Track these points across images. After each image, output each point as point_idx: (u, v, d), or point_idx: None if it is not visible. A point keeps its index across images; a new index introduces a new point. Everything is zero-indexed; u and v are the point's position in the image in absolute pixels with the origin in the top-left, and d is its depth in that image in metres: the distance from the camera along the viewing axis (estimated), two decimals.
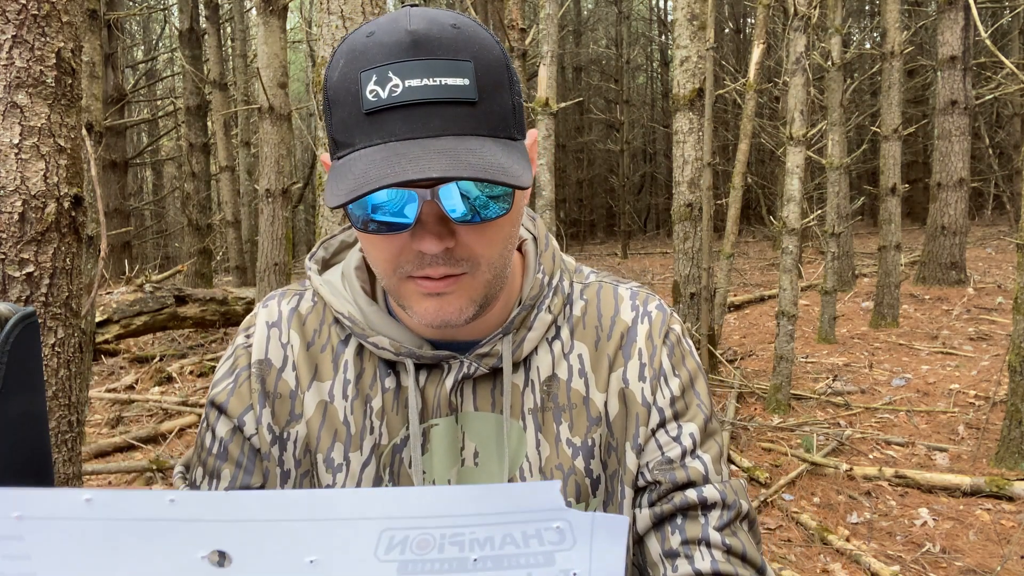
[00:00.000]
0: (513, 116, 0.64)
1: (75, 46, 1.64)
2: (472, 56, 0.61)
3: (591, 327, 0.78)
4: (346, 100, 0.61)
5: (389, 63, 0.59)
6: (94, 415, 5.08)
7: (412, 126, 0.59)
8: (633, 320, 0.79)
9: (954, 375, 5.46)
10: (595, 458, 0.75)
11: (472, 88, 0.60)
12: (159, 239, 18.13)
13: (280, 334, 0.78)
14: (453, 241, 0.63)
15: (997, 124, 16.34)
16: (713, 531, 0.71)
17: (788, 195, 4.77)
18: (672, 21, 4.78)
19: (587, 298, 0.81)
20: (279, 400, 0.75)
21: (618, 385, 0.77)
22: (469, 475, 0.73)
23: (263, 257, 5.52)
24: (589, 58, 21.98)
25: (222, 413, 0.76)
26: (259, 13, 5.49)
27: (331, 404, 0.75)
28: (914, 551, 2.96)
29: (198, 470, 0.77)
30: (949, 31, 8.25)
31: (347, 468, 0.73)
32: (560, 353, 0.77)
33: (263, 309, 0.80)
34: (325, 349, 0.76)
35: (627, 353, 0.78)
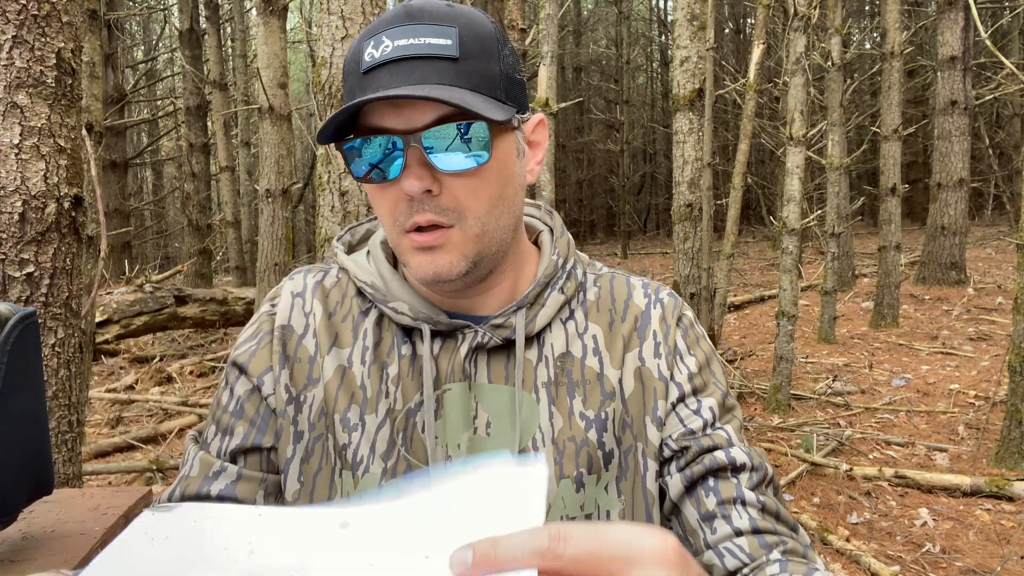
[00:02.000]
0: (502, 83, 0.70)
1: (75, 46, 1.64)
2: (458, 25, 0.68)
3: (605, 310, 0.82)
4: (351, 68, 0.70)
5: (384, 29, 0.68)
6: (94, 415, 5.08)
7: (396, 77, 0.66)
8: (646, 305, 0.83)
9: (954, 375, 5.46)
10: (608, 432, 0.76)
11: (454, 47, 0.67)
12: (159, 239, 18.13)
13: (304, 303, 0.82)
14: (438, 187, 0.69)
15: (997, 124, 16.34)
16: (747, 490, 0.73)
17: (788, 195, 4.77)
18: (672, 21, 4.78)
19: (600, 285, 0.85)
20: (298, 364, 0.78)
21: (634, 364, 0.79)
22: (480, 443, 0.75)
23: (263, 257, 5.52)
24: (589, 58, 21.98)
25: (242, 373, 0.79)
26: (259, 13, 5.49)
27: (349, 369, 0.78)
28: (914, 551, 2.96)
29: (211, 428, 0.79)
30: (949, 31, 8.25)
31: (362, 428, 0.76)
32: (575, 332, 0.80)
33: (289, 281, 0.84)
34: (346, 319, 0.80)
35: (642, 334, 0.81)
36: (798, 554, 0.70)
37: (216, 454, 0.77)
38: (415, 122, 0.67)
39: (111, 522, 1.10)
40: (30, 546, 1.01)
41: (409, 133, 0.67)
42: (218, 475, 0.75)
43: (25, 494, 0.94)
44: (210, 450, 0.77)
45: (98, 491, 1.24)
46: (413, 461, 0.74)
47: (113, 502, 1.17)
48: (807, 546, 0.72)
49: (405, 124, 0.67)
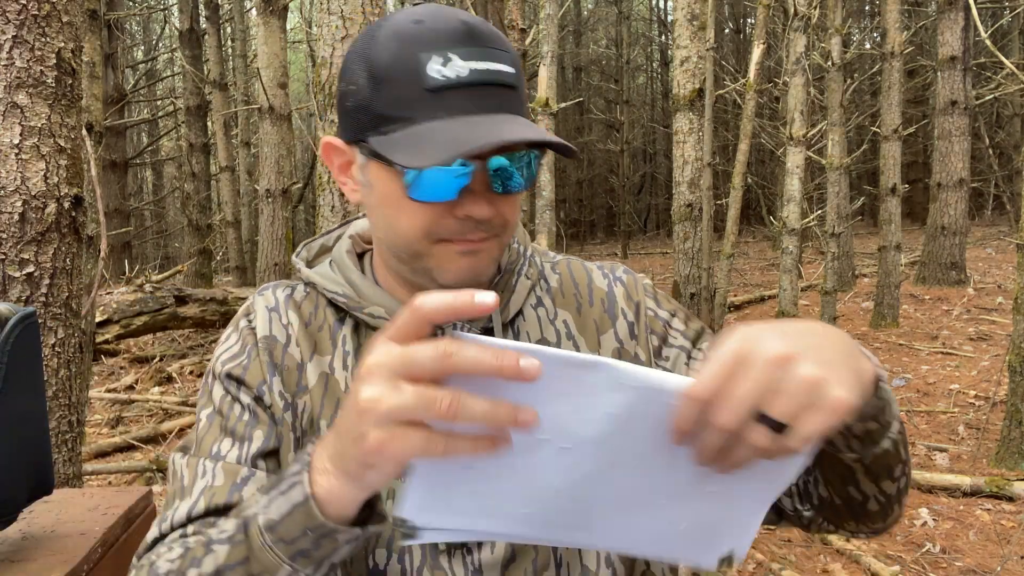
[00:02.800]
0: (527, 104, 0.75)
1: (75, 46, 1.64)
2: (510, 51, 0.70)
3: (570, 295, 0.86)
4: (402, 78, 0.67)
5: (451, 47, 0.66)
6: (94, 415, 5.08)
7: (476, 103, 0.66)
8: (608, 285, 0.87)
9: (954, 375, 5.46)
10: None
11: (514, 76, 0.69)
12: (159, 239, 18.13)
13: (280, 316, 0.82)
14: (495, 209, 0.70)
15: (997, 124, 16.34)
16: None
17: (788, 195, 4.77)
18: (672, 21, 4.77)
19: (560, 272, 0.88)
20: (287, 371, 0.79)
21: (612, 345, 0.84)
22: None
23: (263, 257, 5.52)
24: (589, 58, 21.98)
25: (242, 384, 0.79)
26: (259, 13, 5.49)
27: (332, 376, 0.79)
28: (914, 551, 2.96)
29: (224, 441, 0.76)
30: (949, 31, 8.25)
31: None
32: (546, 319, 0.83)
33: (259, 297, 0.85)
34: (322, 328, 0.81)
35: (612, 315, 0.85)
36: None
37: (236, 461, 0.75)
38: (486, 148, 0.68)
39: (111, 522, 1.10)
40: (30, 546, 1.01)
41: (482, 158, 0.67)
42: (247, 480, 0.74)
43: (25, 494, 0.94)
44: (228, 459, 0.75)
45: (98, 491, 1.24)
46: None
47: (113, 502, 1.17)
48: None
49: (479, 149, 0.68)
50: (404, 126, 0.67)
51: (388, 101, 0.67)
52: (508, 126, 0.65)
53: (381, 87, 0.68)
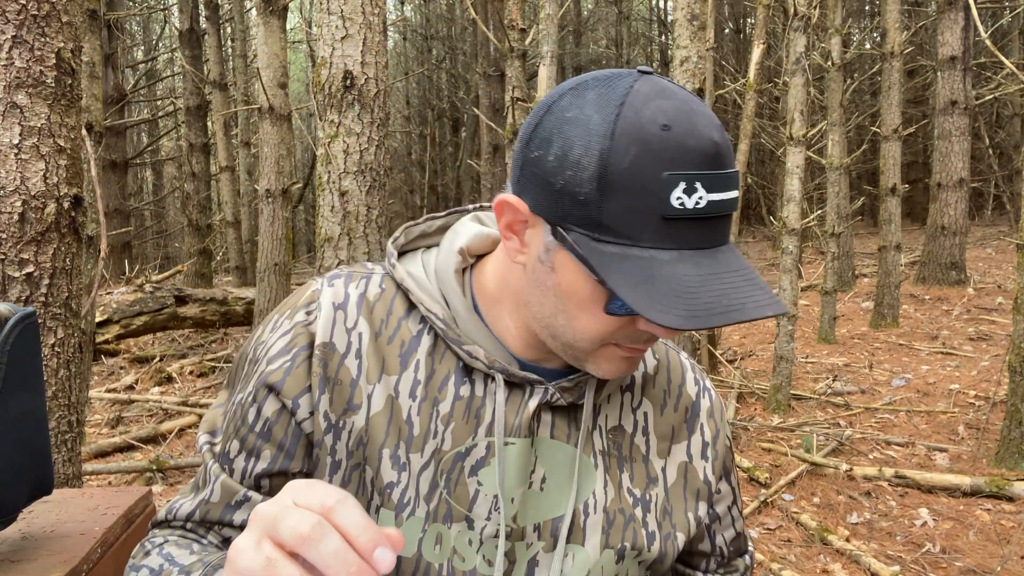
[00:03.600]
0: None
1: (75, 46, 1.64)
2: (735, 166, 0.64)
3: (660, 388, 0.82)
4: (639, 195, 0.59)
5: (699, 172, 0.59)
6: (94, 415, 5.08)
7: (704, 237, 0.61)
8: (696, 395, 0.85)
9: (954, 375, 5.46)
10: (651, 514, 0.78)
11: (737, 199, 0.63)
12: (159, 239, 18.12)
13: (346, 318, 0.74)
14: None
15: (997, 124, 16.33)
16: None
17: (788, 195, 4.77)
18: (672, 21, 4.76)
19: (659, 359, 0.84)
20: (339, 387, 0.72)
21: (680, 457, 0.81)
22: (533, 498, 0.74)
23: (263, 257, 5.52)
24: (589, 58, 21.97)
25: (273, 393, 0.72)
26: (259, 13, 5.49)
27: (396, 400, 0.73)
28: (914, 551, 2.96)
29: (233, 443, 0.74)
30: (949, 31, 8.25)
31: (408, 468, 0.72)
32: (629, 406, 0.80)
33: (328, 288, 0.76)
34: (393, 341, 0.74)
35: (691, 427, 0.83)
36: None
37: (240, 476, 0.73)
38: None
39: (111, 522, 1.10)
40: (30, 546, 1.00)
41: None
42: (241, 504, 0.72)
43: (25, 494, 0.94)
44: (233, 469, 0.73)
45: (98, 491, 1.24)
46: (455, 505, 0.72)
47: (113, 502, 1.17)
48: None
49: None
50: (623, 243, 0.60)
51: (615, 212, 0.60)
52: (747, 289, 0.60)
53: (611, 195, 0.59)
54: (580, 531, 0.74)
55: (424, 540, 0.71)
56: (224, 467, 0.74)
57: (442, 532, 0.72)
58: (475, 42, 13.96)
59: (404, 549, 0.71)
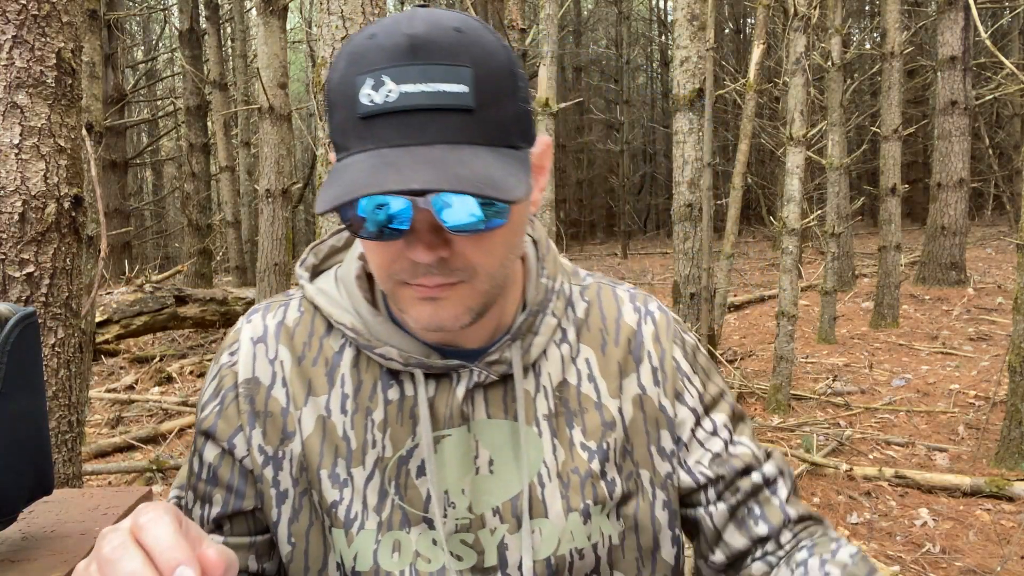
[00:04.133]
0: (516, 124, 0.63)
1: (75, 46, 1.64)
2: (473, 61, 0.58)
3: (596, 330, 0.79)
4: (344, 103, 0.60)
5: (385, 67, 0.57)
6: (94, 415, 5.08)
7: (405, 133, 0.57)
8: (637, 323, 0.80)
9: (954, 375, 5.46)
10: (610, 461, 0.75)
11: (470, 96, 0.58)
12: (159, 239, 18.13)
13: (267, 350, 0.75)
14: (448, 251, 0.62)
15: (997, 124, 16.33)
16: (787, 508, 0.78)
17: (788, 195, 4.77)
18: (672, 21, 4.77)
19: (589, 299, 0.80)
20: (270, 419, 0.73)
21: (633, 391, 0.77)
22: (484, 483, 0.72)
23: (263, 257, 5.52)
24: (589, 58, 21.97)
25: (209, 438, 0.74)
26: (259, 13, 5.49)
27: (328, 419, 0.72)
28: (914, 551, 2.96)
29: (189, 494, 0.76)
30: (949, 31, 8.25)
31: (351, 483, 0.72)
32: (568, 357, 0.77)
33: (247, 324, 0.77)
34: (317, 362, 0.74)
35: (637, 357, 0.78)
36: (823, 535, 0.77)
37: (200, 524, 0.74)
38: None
39: (111, 522, 1.10)
40: (30, 546, 1.01)
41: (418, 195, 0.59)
42: None
43: (25, 494, 0.94)
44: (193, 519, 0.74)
45: (98, 491, 1.24)
46: (409, 510, 0.71)
47: (113, 502, 1.17)
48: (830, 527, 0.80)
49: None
50: (344, 155, 0.60)
51: (335, 128, 0.61)
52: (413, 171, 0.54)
53: (332, 112, 0.61)
54: (540, 503, 0.72)
55: (379, 551, 0.70)
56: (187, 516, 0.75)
57: (400, 539, 0.71)
58: None
59: (360, 563, 0.70)
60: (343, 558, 0.72)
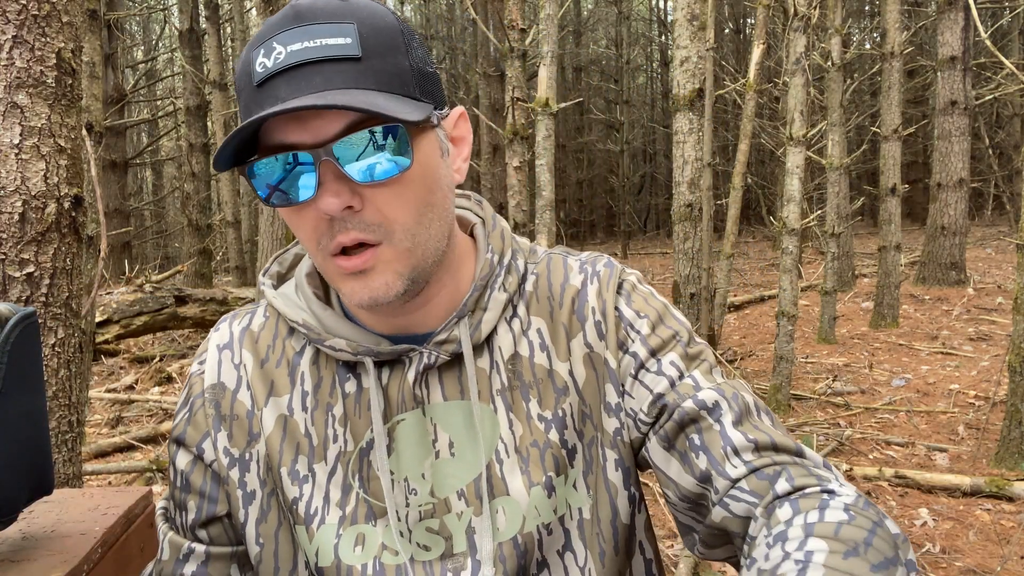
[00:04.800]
0: (414, 78, 0.64)
1: (75, 46, 1.64)
2: (356, 20, 0.61)
3: (544, 299, 0.77)
4: (244, 83, 0.63)
5: (274, 35, 0.61)
6: (94, 415, 5.08)
7: (295, 86, 0.59)
8: (582, 283, 0.78)
9: (954, 375, 5.46)
10: (568, 428, 0.73)
11: (355, 46, 0.60)
12: (159, 239, 18.13)
13: (232, 355, 0.76)
14: (359, 200, 0.63)
15: (997, 124, 16.34)
16: (733, 431, 0.67)
17: (788, 195, 4.77)
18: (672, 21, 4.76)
19: (538, 272, 0.79)
20: (236, 422, 0.74)
21: (581, 351, 0.75)
22: (445, 467, 0.71)
23: (263, 257, 5.52)
24: (589, 58, 21.97)
25: (180, 445, 0.75)
26: (259, 13, 5.49)
27: (291, 418, 0.73)
28: (914, 551, 2.96)
29: (171, 503, 0.77)
30: (949, 31, 8.25)
31: (313, 479, 0.72)
32: (520, 331, 0.75)
33: (215, 333, 0.79)
34: (280, 364, 0.75)
35: (581, 316, 0.76)
36: (806, 477, 0.63)
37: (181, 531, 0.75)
38: (323, 134, 0.61)
39: (111, 522, 1.10)
40: (30, 546, 1.01)
41: (319, 146, 0.60)
42: (188, 557, 0.73)
43: (25, 494, 0.94)
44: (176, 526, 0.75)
45: (98, 491, 1.24)
46: (374, 502, 0.71)
47: (113, 502, 1.17)
48: (818, 465, 0.66)
49: (313, 137, 0.61)
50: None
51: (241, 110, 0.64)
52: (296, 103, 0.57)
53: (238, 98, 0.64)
54: (501, 481, 0.71)
55: (340, 545, 0.70)
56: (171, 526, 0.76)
57: (365, 532, 0.70)
58: (475, 42, 13.96)
59: (321, 558, 0.70)
60: (307, 555, 0.72)
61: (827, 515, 0.57)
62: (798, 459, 0.66)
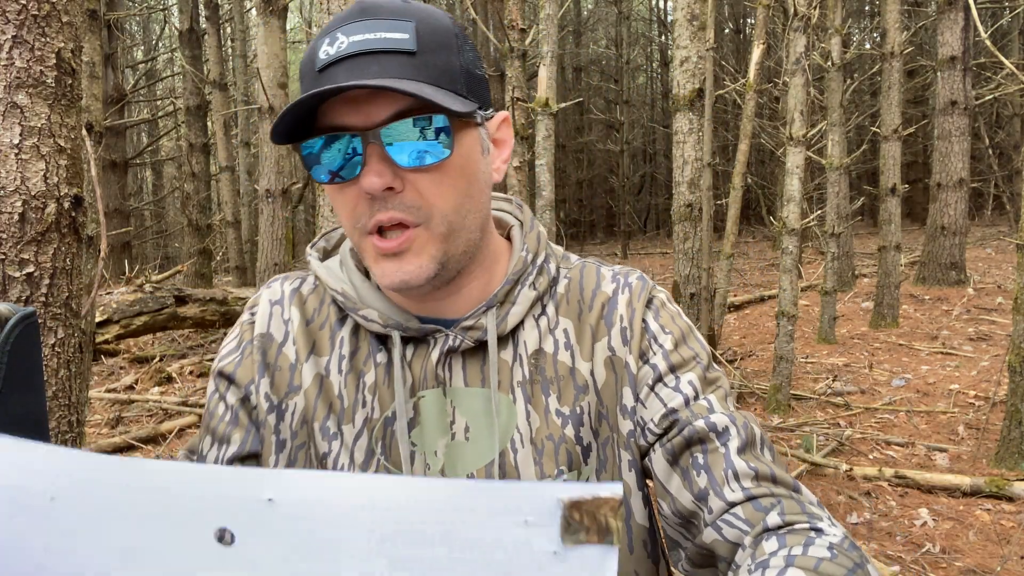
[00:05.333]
0: (464, 77, 0.69)
1: (75, 46, 1.64)
2: (415, 19, 0.67)
3: (574, 302, 0.80)
4: (307, 70, 0.68)
5: (340, 27, 0.66)
6: (94, 415, 5.08)
7: (353, 73, 0.64)
8: (614, 291, 0.81)
9: (954, 375, 5.46)
10: (585, 426, 0.75)
11: (411, 41, 0.65)
12: (159, 239, 18.12)
13: (282, 311, 0.81)
14: (400, 183, 0.67)
15: (997, 124, 16.33)
16: (736, 458, 0.69)
17: (788, 195, 4.77)
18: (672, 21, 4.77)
19: (571, 277, 0.83)
20: (279, 372, 0.78)
21: (604, 353, 0.78)
22: (460, 449, 0.74)
23: (263, 257, 5.52)
24: (589, 58, 21.98)
25: (231, 383, 0.79)
26: (259, 13, 5.49)
27: (327, 378, 0.77)
28: (914, 551, 2.96)
29: (206, 439, 0.79)
30: (949, 31, 8.25)
31: (341, 439, 0.75)
32: (546, 329, 0.79)
33: (267, 289, 0.84)
34: (324, 327, 0.80)
35: (609, 321, 0.79)
36: (797, 514, 0.65)
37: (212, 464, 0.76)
38: (374, 118, 0.66)
39: None
40: None
41: (367, 129, 0.66)
42: None
43: None
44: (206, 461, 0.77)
45: None
46: (393, 470, 0.73)
47: None
48: (812, 502, 0.69)
49: (363, 120, 0.66)
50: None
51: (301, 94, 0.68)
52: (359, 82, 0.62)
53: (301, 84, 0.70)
54: (513, 469, 0.73)
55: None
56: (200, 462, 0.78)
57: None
58: (475, 42, 13.96)
59: None
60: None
61: (810, 551, 0.60)
62: (794, 494, 0.69)
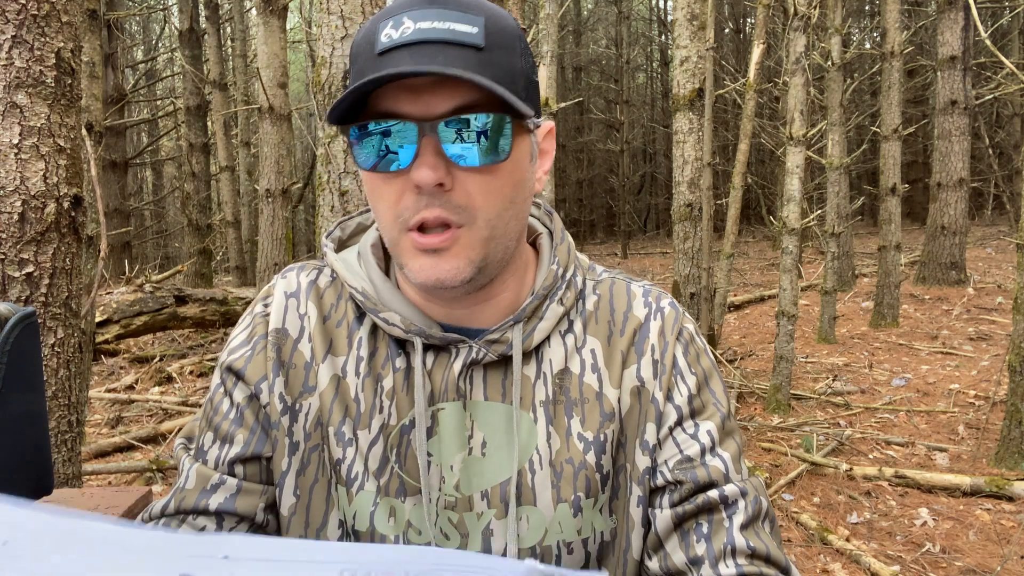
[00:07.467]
0: (524, 80, 0.66)
1: (75, 46, 1.64)
2: (484, 14, 0.64)
3: (604, 322, 0.78)
4: (363, 50, 0.65)
5: (407, 11, 0.63)
6: (94, 415, 5.08)
7: (417, 59, 0.61)
8: (646, 317, 0.78)
9: (954, 375, 5.46)
10: (606, 453, 0.74)
11: (480, 36, 0.62)
12: (159, 239, 18.12)
13: (298, 304, 0.77)
14: (451, 180, 0.64)
15: (997, 124, 16.33)
16: (738, 534, 0.70)
17: (788, 195, 4.77)
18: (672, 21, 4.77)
19: (600, 293, 0.80)
20: (293, 370, 0.75)
21: (632, 382, 0.76)
22: (476, 465, 0.72)
23: (263, 257, 5.52)
24: (589, 58, 21.98)
25: (240, 379, 0.75)
26: (259, 13, 5.49)
27: (344, 380, 0.74)
28: (914, 551, 2.96)
29: (207, 435, 0.75)
30: (949, 31, 8.25)
31: (356, 444, 0.73)
32: (573, 347, 0.76)
33: (281, 280, 0.80)
34: (341, 324, 0.76)
35: (640, 349, 0.77)
36: None
37: (214, 464, 0.74)
38: (433, 110, 0.62)
39: None
40: None
41: (426, 120, 0.62)
42: (216, 488, 0.72)
43: (25, 494, 0.94)
44: (207, 459, 0.74)
45: (98, 491, 1.24)
46: (407, 479, 0.71)
47: (113, 502, 1.17)
48: None
49: (423, 110, 0.62)
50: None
51: (354, 76, 0.65)
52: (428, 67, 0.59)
53: (352, 66, 0.66)
54: (529, 491, 0.71)
55: (376, 514, 0.71)
56: (199, 459, 0.75)
57: (395, 506, 0.71)
58: None
59: (358, 523, 0.72)
60: (344, 515, 0.73)
61: None
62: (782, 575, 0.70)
